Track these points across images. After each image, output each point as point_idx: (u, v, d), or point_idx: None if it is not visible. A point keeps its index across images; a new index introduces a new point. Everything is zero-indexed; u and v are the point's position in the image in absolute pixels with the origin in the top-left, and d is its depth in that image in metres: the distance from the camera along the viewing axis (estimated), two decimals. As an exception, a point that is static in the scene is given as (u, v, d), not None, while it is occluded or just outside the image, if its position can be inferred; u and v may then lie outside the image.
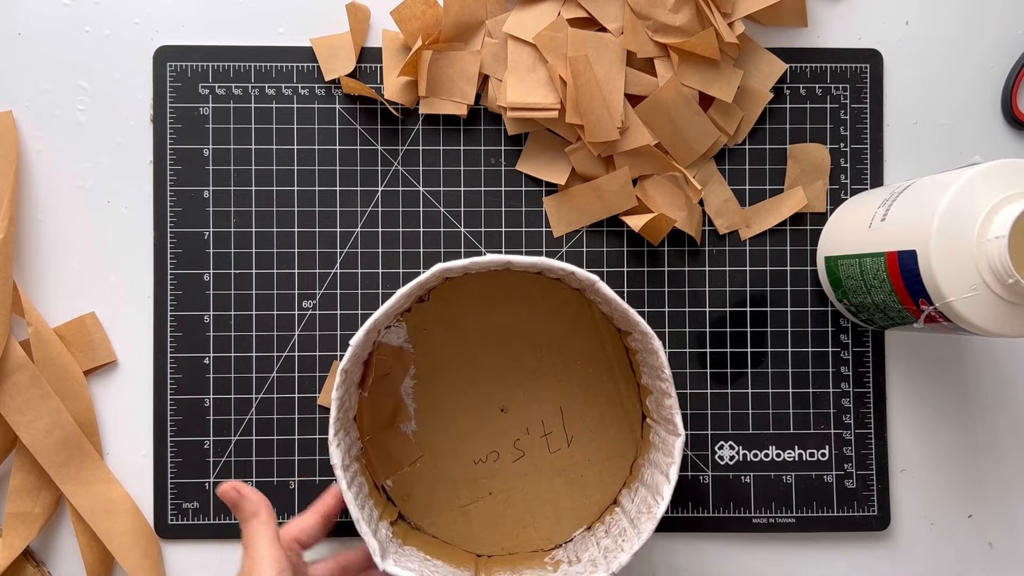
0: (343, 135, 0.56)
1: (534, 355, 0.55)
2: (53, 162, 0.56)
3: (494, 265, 0.49)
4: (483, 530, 0.55)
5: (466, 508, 0.55)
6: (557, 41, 0.54)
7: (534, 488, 0.55)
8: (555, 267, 0.48)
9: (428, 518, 0.55)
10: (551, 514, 0.55)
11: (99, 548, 0.54)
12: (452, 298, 0.55)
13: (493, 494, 0.55)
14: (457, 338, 0.55)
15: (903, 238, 0.46)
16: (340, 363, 0.47)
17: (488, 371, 0.55)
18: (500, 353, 0.55)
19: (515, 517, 0.55)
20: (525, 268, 0.50)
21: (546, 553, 0.54)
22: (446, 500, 0.55)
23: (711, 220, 0.56)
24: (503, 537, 0.55)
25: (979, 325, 0.44)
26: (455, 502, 0.55)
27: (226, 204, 0.56)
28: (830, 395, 0.57)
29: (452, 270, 0.48)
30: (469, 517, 0.55)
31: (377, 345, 0.54)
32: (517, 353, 0.55)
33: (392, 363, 0.55)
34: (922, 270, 0.44)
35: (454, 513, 0.55)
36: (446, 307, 0.55)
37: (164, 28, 0.56)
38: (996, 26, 0.57)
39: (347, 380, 0.48)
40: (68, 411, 0.54)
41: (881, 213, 0.49)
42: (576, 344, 0.55)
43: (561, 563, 0.51)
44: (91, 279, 0.56)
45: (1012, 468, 0.58)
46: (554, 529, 0.55)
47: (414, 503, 0.55)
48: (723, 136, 0.56)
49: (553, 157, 0.56)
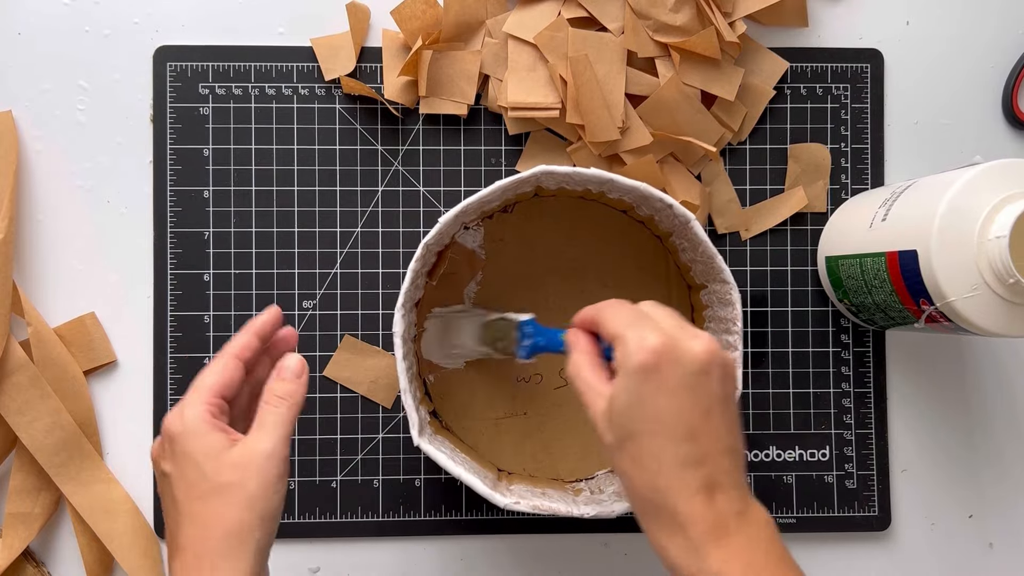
0: (343, 135, 0.56)
1: (600, 292, 0.55)
2: (53, 162, 0.56)
3: (595, 180, 0.48)
4: (510, 446, 0.55)
5: (499, 421, 0.56)
6: (557, 41, 0.54)
7: (569, 419, 0.56)
8: (654, 195, 0.47)
9: (460, 422, 0.55)
10: (579, 449, 0.55)
11: (99, 548, 0.54)
12: (535, 216, 0.55)
13: (528, 414, 0.56)
14: (530, 257, 0.55)
15: (904, 238, 0.46)
16: (424, 238, 0.47)
17: (551, 296, 0.56)
18: (567, 282, 0.55)
19: (543, 442, 0.56)
20: (625, 192, 0.49)
21: (567, 483, 0.55)
22: (481, 409, 0.56)
23: (711, 219, 0.56)
24: (527, 459, 0.55)
25: (980, 325, 0.44)
26: (489, 413, 0.56)
27: (226, 204, 0.55)
28: (830, 395, 0.57)
29: (554, 174, 0.47)
30: (499, 431, 0.55)
31: (453, 241, 0.54)
32: (584, 286, 0.55)
33: (462, 264, 0.55)
34: (923, 270, 0.44)
35: (486, 423, 0.55)
36: (527, 223, 0.55)
37: (164, 28, 0.56)
38: (996, 26, 0.57)
39: (426, 254, 0.48)
40: (68, 411, 0.54)
41: (882, 213, 0.49)
42: (644, 291, 0.55)
43: (583, 491, 0.52)
44: (91, 279, 0.56)
45: (1012, 468, 0.58)
46: (579, 464, 0.55)
47: (449, 403, 0.55)
48: (727, 132, 0.56)
49: (553, 157, 0.56)
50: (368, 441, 0.56)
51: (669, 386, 0.38)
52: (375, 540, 0.56)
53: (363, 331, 0.56)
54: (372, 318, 0.56)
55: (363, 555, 0.56)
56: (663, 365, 0.38)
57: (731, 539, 0.38)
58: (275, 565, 0.55)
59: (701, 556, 0.37)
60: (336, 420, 0.56)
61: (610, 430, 0.40)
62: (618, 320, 0.41)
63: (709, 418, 0.39)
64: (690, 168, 0.55)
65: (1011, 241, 0.42)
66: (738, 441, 0.40)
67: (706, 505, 0.38)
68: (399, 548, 0.56)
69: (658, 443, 0.38)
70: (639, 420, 0.39)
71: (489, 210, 0.53)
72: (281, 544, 0.56)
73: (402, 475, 0.56)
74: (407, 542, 0.56)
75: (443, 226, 0.47)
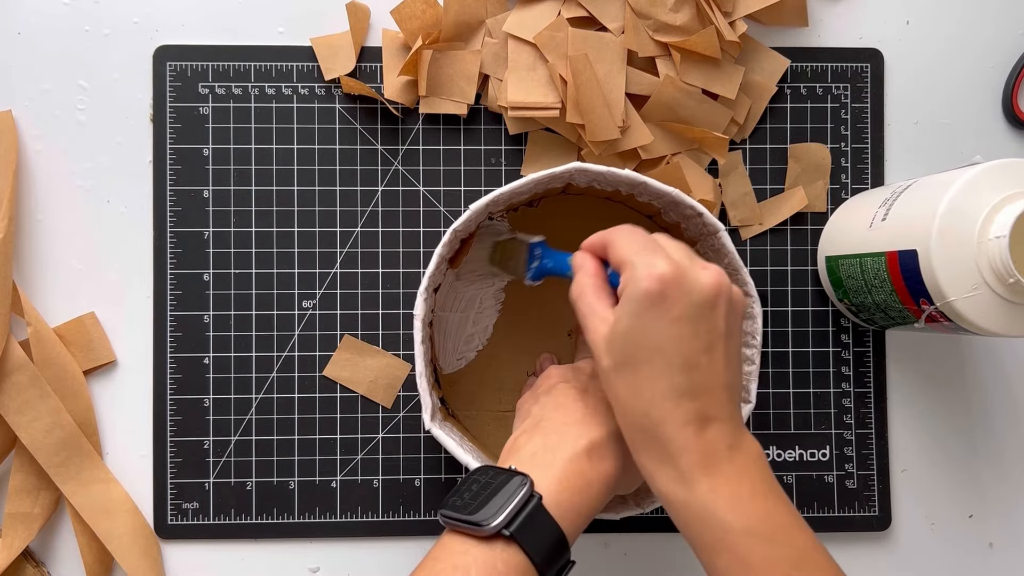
0: (343, 135, 0.56)
1: None
2: (53, 162, 0.56)
3: (627, 181, 0.48)
4: None
5: (504, 414, 0.56)
6: (557, 40, 0.54)
7: None
8: (684, 202, 0.47)
9: (466, 410, 0.55)
10: None
11: (99, 548, 0.54)
12: (559, 213, 0.55)
13: None
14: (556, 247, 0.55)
15: (904, 238, 0.46)
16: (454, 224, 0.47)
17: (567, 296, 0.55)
18: None
19: None
20: (656, 196, 0.49)
21: None
22: (488, 400, 0.56)
23: (725, 211, 0.56)
24: None
25: (980, 325, 0.44)
26: (496, 405, 0.56)
27: (226, 204, 0.55)
28: (831, 395, 0.57)
29: (589, 172, 0.47)
30: (504, 423, 0.55)
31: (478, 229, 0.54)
32: None
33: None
34: (923, 270, 0.44)
35: (491, 415, 0.56)
36: (549, 219, 0.55)
37: (164, 28, 0.56)
38: (996, 26, 0.57)
39: (453, 240, 0.48)
40: (68, 411, 0.54)
41: (882, 213, 0.49)
42: None
43: None
44: (91, 279, 0.56)
45: (1012, 468, 0.58)
46: None
47: (458, 391, 0.55)
48: (733, 124, 0.55)
49: (555, 156, 0.55)
50: (368, 441, 0.56)
51: (672, 315, 0.38)
52: (375, 540, 0.56)
53: (363, 331, 0.56)
54: (372, 318, 0.56)
55: (363, 555, 0.56)
56: (669, 293, 0.38)
57: (720, 469, 0.38)
58: (275, 564, 0.56)
59: (689, 485, 0.38)
60: (336, 420, 0.56)
61: (608, 354, 0.39)
62: (628, 246, 0.40)
63: (710, 352, 0.39)
64: (701, 163, 0.55)
65: (1011, 241, 0.42)
66: (737, 376, 0.40)
67: (697, 436, 0.38)
68: (399, 548, 0.56)
69: (655, 371, 0.38)
70: (639, 347, 0.38)
71: (516, 202, 0.53)
72: (281, 544, 0.56)
73: (402, 475, 0.56)
74: (407, 542, 0.56)
75: (472, 214, 0.47)
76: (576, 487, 0.41)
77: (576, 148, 0.55)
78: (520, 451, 0.43)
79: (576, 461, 0.41)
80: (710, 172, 0.56)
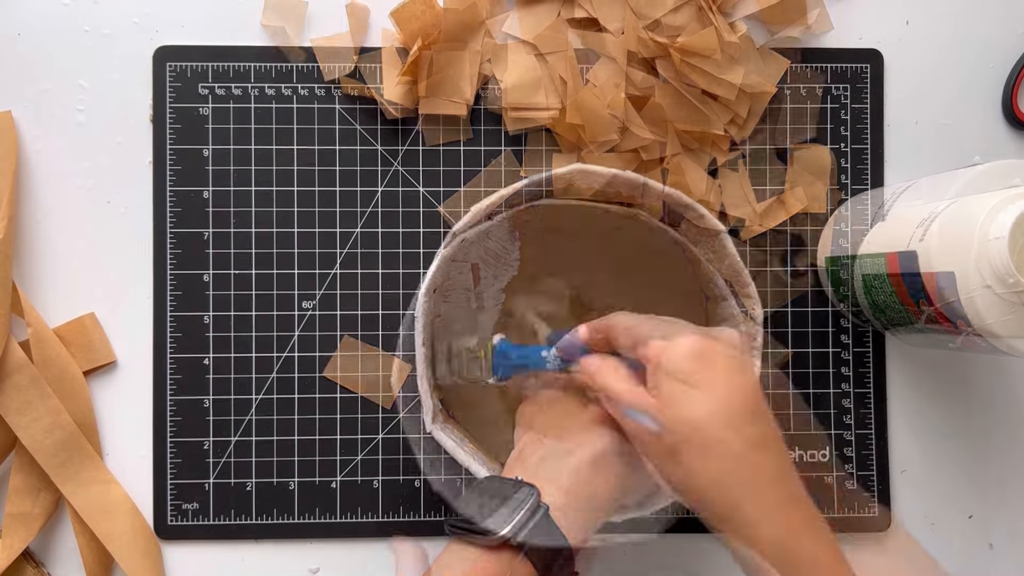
0: (343, 135, 0.56)
1: (616, 299, 0.55)
2: (53, 162, 0.56)
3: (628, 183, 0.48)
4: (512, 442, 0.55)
5: (504, 416, 0.55)
6: (557, 41, 0.54)
7: None
8: (683, 201, 0.47)
9: (465, 412, 0.55)
10: None
11: (98, 549, 0.54)
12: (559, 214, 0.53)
13: None
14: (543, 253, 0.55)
15: (904, 239, 0.46)
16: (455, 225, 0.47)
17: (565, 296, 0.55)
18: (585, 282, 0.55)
19: None
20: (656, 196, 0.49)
21: None
22: (487, 401, 0.55)
23: (724, 212, 0.56)
24: None
25: (980, 326, 0.44)
26: (496, 405, 0.56)
27: (226, 204, 0.55)
28: (830, 395, 0.57)
29: (591, 174, 0.47)
30: (503, 426, 0.55)
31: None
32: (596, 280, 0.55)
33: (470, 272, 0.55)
34: (923, 270, 0.44)
35: (492, 416, 0.55)
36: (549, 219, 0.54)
37: (164, 28, 0.56)
38: (996, 26, 0.57)
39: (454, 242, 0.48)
40: (68, 412, 0.54)
41: (882, 213, 0.49)
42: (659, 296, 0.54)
43: None
44: (91, 279, 0.56)
45: (1012, 468, 0.58)
46: None
47: (457, 393, 0.55)
48: (733, 124, 0.55)
49: (555, 157, 0.55)
50: (368, 442, 0.56)
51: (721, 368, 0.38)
52: (375, 540, 0.56)
53: (363, 331, 0.56)
54: (372, 318, 0.56)
55: (363, 555, 0.56)
56: (707, 351, 0.38)
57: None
58: (275, 565, 0.56)
59: None
60: (336, 420, 0.56)
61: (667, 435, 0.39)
62: (638, 328, 0.41)
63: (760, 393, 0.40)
64: (701, 163, 0.55)
65: (1011, 241, 0.42)
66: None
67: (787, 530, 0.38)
68: (399, 548, 0.56)
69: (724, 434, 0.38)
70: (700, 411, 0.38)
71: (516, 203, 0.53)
72: (281, 544, 0.56)
73: (402, 476, 0.56)
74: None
75: (473, 215, 0.47)
76: (582, 497, 0.41)
77: (576, 149, 0.55)
78: (526, 461, 0.43)
79: (582, 471, 0.41)
80: (710, 173, 0.56)
